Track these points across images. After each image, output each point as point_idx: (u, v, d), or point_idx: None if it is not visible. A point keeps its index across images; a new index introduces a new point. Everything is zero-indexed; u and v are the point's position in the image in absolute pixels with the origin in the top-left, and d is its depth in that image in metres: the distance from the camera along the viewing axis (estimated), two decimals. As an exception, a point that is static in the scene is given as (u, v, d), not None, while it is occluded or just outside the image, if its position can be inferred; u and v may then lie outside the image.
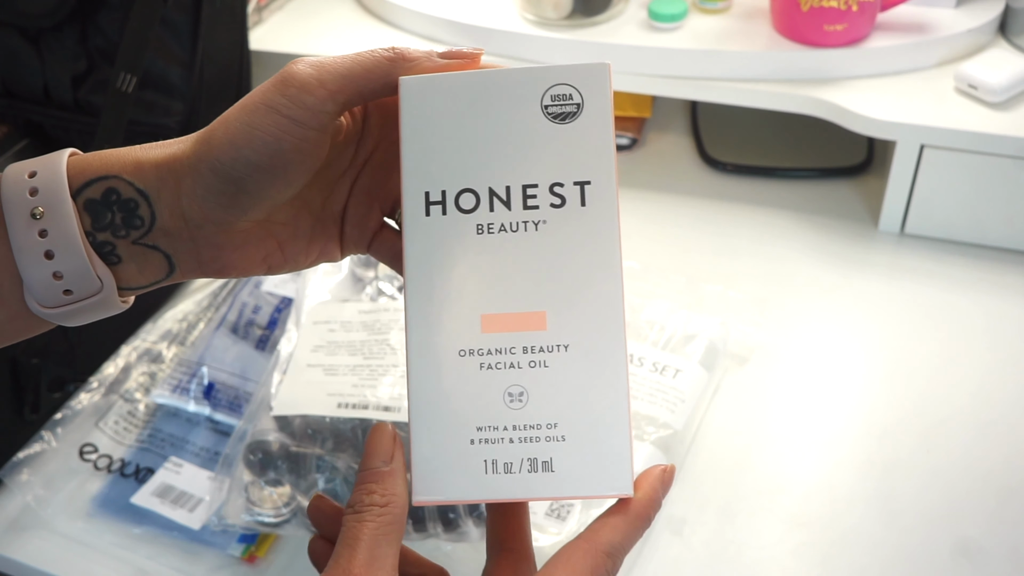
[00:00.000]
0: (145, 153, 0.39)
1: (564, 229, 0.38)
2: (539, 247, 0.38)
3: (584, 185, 0.38)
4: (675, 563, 0.62)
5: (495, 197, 0.38)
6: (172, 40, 0.81)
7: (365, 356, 0.68)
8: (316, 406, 0.65)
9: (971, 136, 0.77)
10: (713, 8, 0.88)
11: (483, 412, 0.38)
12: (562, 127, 0.38)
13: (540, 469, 0.37)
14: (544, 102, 0.38)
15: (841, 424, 0.70)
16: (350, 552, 0.36)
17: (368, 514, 0.37)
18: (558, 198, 0.38)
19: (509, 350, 0.38)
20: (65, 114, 0.87)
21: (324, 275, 0.75)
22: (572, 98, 0.38)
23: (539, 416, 0.38)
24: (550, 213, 0.38)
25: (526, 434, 0.38)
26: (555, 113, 0.38)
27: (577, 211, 0.38)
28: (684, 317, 0.74)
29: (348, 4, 1.00)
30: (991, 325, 0.76)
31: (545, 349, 0.38)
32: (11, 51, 0.86)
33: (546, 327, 0.37)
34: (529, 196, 0.38)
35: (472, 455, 0.38)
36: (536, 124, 0.38)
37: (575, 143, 0.38)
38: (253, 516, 0.62)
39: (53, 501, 0.67)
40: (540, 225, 0.38)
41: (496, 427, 0.38)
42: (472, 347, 0.38)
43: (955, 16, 0.85)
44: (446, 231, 0.38)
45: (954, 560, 0.61)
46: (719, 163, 0.94)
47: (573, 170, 0.38)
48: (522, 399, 0.38)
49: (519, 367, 0.37)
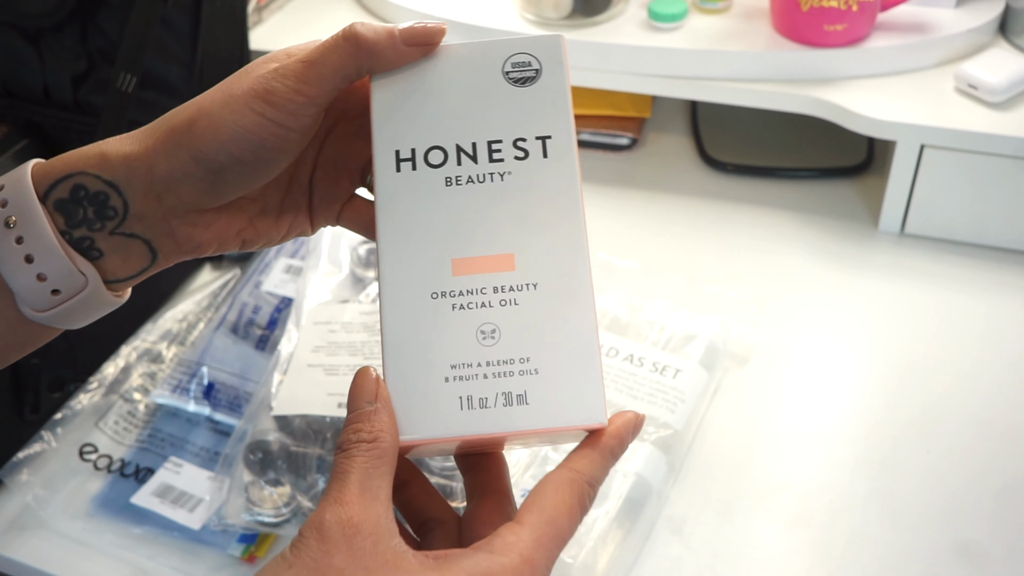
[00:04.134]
0: (109, 146, 0.40)
1: (528, 178, 0.40)
2: (505, 195, 0.40)
3: (545, 139, 0.40)
4: (675, 563, 0.62)
5: (462, 152, 0.40)
6: (172, 40, 0.81)
7: (366, 356, 0.68)
8: (316, 406, 0.65)
9: (971, 136, 0.77)
10: (713, 8, 0.88)
11: (456, 351, 0.39)
12: (523, 90, 0.41)
13: (515, 403, 0.38)
14: (505, 69, 0.41)
15: (841, 424, 0.70)
16: (340, 484, 0.36)
17: (355, 450, 0.37)
18: (521, 151, 0.40)
19: (480, 290, 0.39)
20: (65, 114, 0.87)
21: (324, 275, 0.75)
22: (531, 65, 0.41)
23: (512, 352, 0.39)
24: (514, 165, 0.40)
25: (499, 369, 0.39)
26: (516, 78, 0.41)
27: (540, 162, 0.40)
28: (684, 317, 0.74)
29: (348, 4, 1.00)
30: (991, 325, 0.76)
31: (515, 288, 0.39)
32: (11, 51, 0.86)
33: (515, 268, 0.39)
34: (494, 151, 0.40)
35: (447, 393, 0.39)
36: (498, 88, 0.41)
37: (535, 103, 0.41)
38: (253, 516, 0.62)
39: (53, 501, 0.67)
40: (506, 176, 0.40)
41: (470, 364, 0.39)
42: (444, 289, 0.39)
43: (955, 16, 0.85)
44: (416, 184, 0.40)
45: (954, 560, 0.61)
46: (719, 163, 0.94)
47: (534, 127, 0.41)
48: (494, 336, 0.39)
49: (490, 306, 0.39)
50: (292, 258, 0.81)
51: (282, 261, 0.80)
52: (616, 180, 0.93)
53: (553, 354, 0.39)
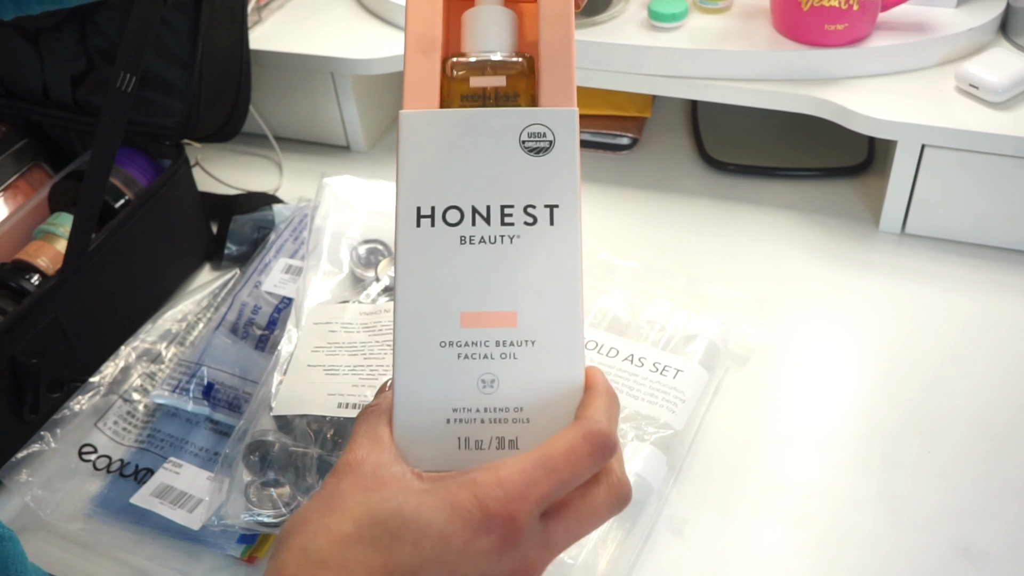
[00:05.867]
0: None
1: (535, 243, 0.43)
2: (513, 257, 0.43)
3: (553, 208, 0.44)
4: (675, 563, 0.62)
5: (477, 214, 0.44)
6: (172, 40, 0.81)
7: (365, 356, 0.67)
8: (316, 406, 0.65)
9: (972, 136, 0.77)
10: (713, 8, 0.88)
11: (459, 396, 0.43)
12: (536, 159, 0.44)
13: (507, 447, 0.43)
14: (522, 138, 0.44)
15: (841, 424, 0.70)
16: (350, 438, 0.42)
17: (362, 414, 0.44)
18: (531, 217, 0.43)
19: (484, 343, 0.43)
20: (64, 114, 0.87)
21: (324, 275, 0.75)
22: (545, 136, 0.44)
23: (508, 401, 0.43)
24: (524, 229, 0.43)
25: (496, 415, 0.43)
26: (531, 147, 0.44)
27: (546, 229, 0.43)
28: (684, 317, 0.74)
29: (348, 4, 1.00)
30: (992, 325, 0.76)
31: (515, 343, 0.43)
32: (10, 51, 0.86)
33: (516, 325, 0.43)
34: (506, 214, 0.44)
35: (448, 433, 0.43)
36: (514, 156, 0.44)
37: (547, 173, 0.44)
38: (253, 516, 0.62)
39: (52, 501, 0.67)
40: (515, 240, 0.43)
41: (470, 409, 0.43)
42: (452, 339, 0.43)
43: (956, 15, 0.85)
44: (433, 240, 0.43)
45: (954, 560, 0.61)
46: (719, 163, 0.93)
47: (544, 195, 0.44)
48: (494, 385, 0.43)
49: (492, 358, 0.43)
50: (292, 258, 0.80)
51: (282, 261, 0.80)
52: (616, 180, 0.93)
53: (544, 407, 0.43)
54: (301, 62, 0.94)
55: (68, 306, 0.72)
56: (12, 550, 0.46)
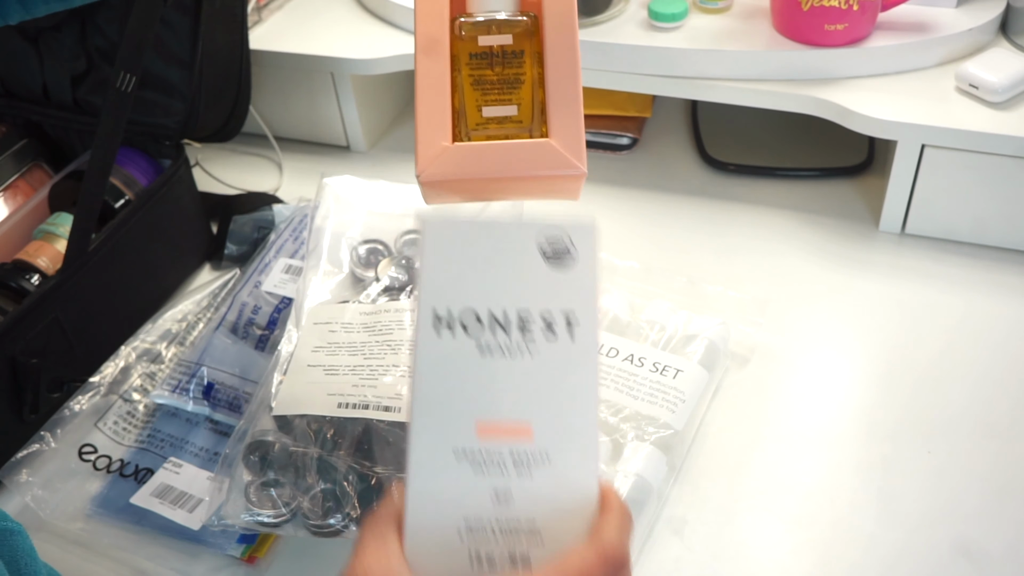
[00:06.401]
0: None
1: (553, 356, 0.43)
2: (531, 369, 0.43)
3: (571, 318, 0.44)
4: (675, 563, 0.62)
5: (495, 321, 0.44)
6: (172, 40, 0.81)
7: (365, 356, 0.67)
8: (316, 406, 0.65)
9: (972, 136, 0.77)
10: (713, 8, 0.88)
11: (472, 508, 0.42)
12: (556, 269, 0.44)
13: (519, 563, 0.42)
14: (542, 247, 0.44)
15: (841, 424, 0.70)
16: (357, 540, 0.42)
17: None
18: (549, 328, 0.43)
19: (498, 454, 0.43)
20: (64, 114, 0.87)
21: (324, 275, 0.75)
22: (565, 246, 0.44)
23: (521, 515, 0.42)
24: (542, 341, 0.43)
25: (508, 527, 0.42)
26: (550, 256, 0.44)
27: (565, 342, 0.43)
28: (684, 317, 0.74)
29: (348, 4, 1.00)
30: (991, 325, 0.76)
31: (530, 457, 0.42)
32: (10, 51, 0.86)
33: (532, 437, 0.43)
34: (525, 322, 0.44)
35: (460, 549, 0.42)
36: (534, 264, 0.44)
37: (565, 282, 0.44)
38: (253, 516, 0.62)
39: (52, 501, 0.67)
40: (533, 352, 0.43)
41: (482, 519, 0.42)
42: (467, 448, 0.42)
43: (956, 15, 0.85)
44: (452, 346, 0.43)
45: (954, 560, 0.61)
46: (719, 163, 0.93)
47: (563, 304, 0.44)
48: (507, 499, 0.42)
49: (506, 469, 0.42)
50: (292, 258, 0.80)
51: (282, 261, 0.80)
52: (616, 180, 0.93)
53: (557, 521, 0.42)
54: (301, 62, 0.94)
55: (68, 306, 0.72)
56: (22, 544, 0.46)
